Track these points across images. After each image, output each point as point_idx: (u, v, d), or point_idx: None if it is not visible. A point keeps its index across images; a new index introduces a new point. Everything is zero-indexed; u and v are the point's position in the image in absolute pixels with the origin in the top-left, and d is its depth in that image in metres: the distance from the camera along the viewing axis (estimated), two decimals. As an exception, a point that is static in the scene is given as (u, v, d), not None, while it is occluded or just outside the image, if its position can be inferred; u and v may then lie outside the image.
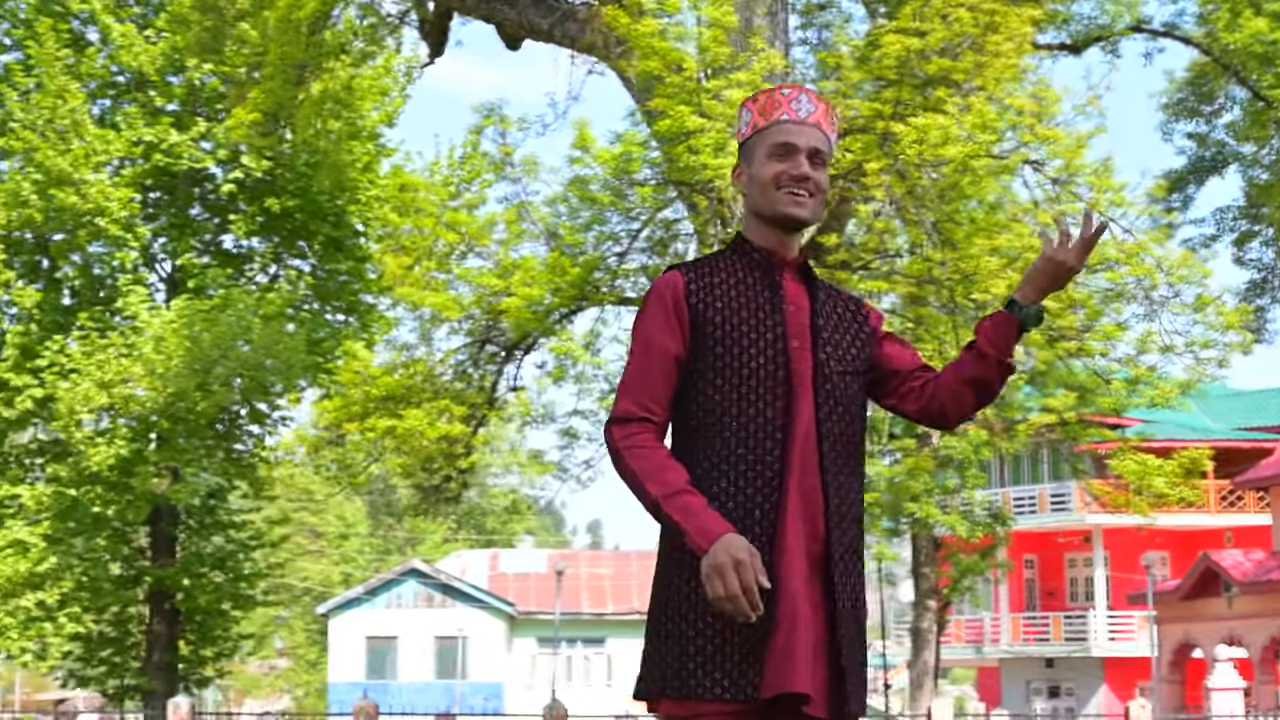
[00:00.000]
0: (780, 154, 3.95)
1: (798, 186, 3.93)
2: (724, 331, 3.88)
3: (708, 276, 3.97)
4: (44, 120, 31.75)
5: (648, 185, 17.45)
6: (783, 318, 3.91)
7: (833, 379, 3.92)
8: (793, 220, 3.95)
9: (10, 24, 34.11)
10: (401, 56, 32.60)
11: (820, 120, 4.00)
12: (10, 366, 32.12)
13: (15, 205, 31.81)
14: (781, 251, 4.00)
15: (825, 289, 4.07)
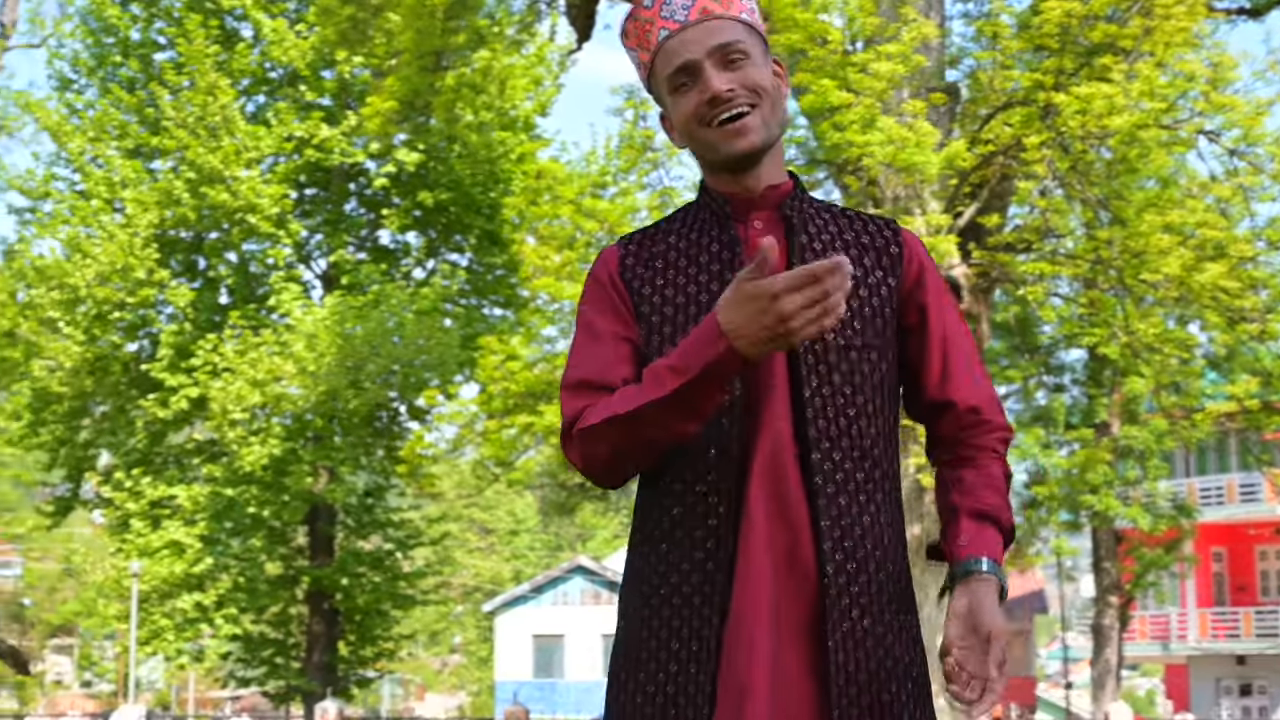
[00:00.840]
0: (682, 83, 2.91)
1: (722, 111, 2.86)
2: (663, 315, 2.88)
3: (650, 246, 2.97)
4: (195, 118, 31.52)
5: (790, 165, 16.46)
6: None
7: (824, 357, 2.82)
8: (737, 157, 2.88)
9: (164, 22, 34.01)
10: (555, 45, 32.08)
11: (708, 6, 2.91)
12: (165, 366, 31.91)
13: (169, 204, 31.64)
14: (745, 193, 2.93)
15: (829, 225, 2.96)
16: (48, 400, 33.15)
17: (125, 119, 33.40)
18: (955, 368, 2.97)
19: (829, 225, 2.96)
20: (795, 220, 2.92)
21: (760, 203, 2.93)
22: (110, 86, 33.94)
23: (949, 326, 2.98)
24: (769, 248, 2.52)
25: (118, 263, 30.94)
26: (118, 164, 32.57)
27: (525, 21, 26.52)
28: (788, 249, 2.89)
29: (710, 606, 2.73)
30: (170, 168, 32.40)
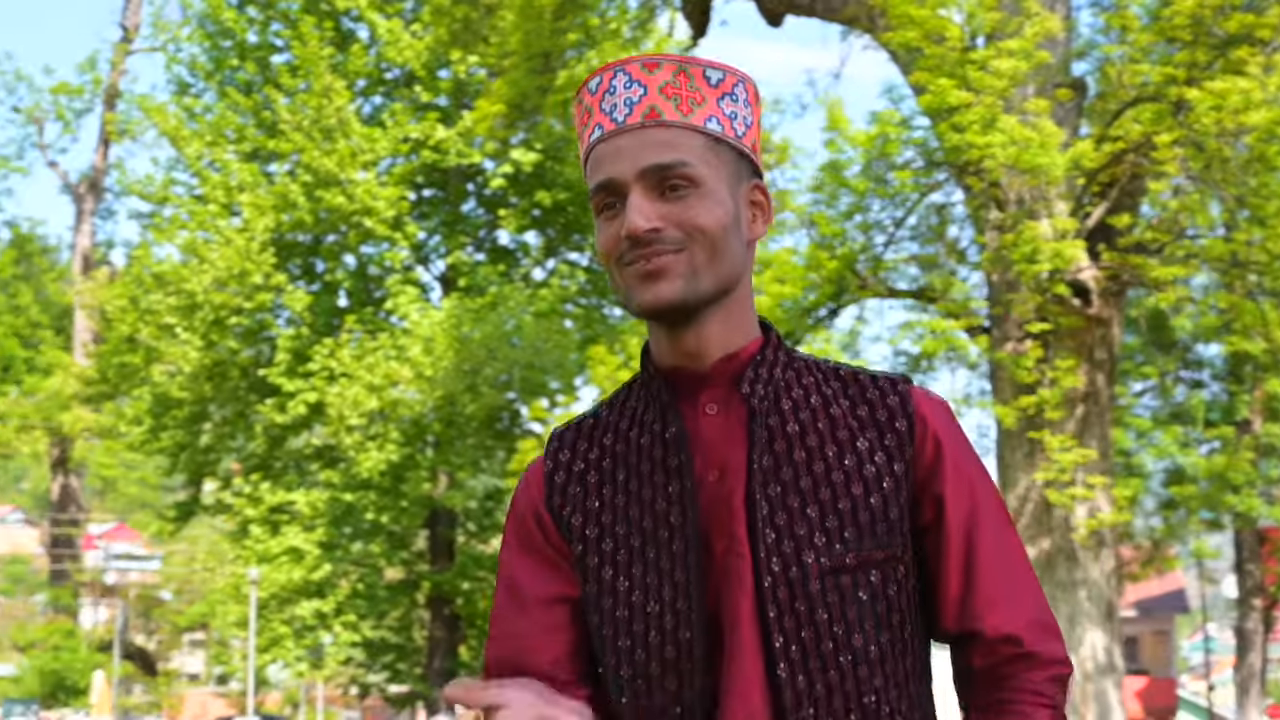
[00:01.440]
0: (608, 203, 2.23)
1: (641, 254, 2.18)
2: (601, 553, 2.25)
3: (585, 450, 2.32)
4: (311, 121, 31.27)
5: (908, 168, 15.75)
6: (694, 505, 2.19)
7: (801, 588, 2.15)
8: (658, 312, 2.19)
9: (280, 24, 33.87)
10: (674, 40, 31.55)
11: (659, 107, 2.20)
12: (283, 371, 31.70)
13: (285, 208, 31.43)
14: (690, 364, 2.25)
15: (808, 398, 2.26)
16: (168, 405, 33.10)
17: (242, 122, 33.27)
18: (984, 580, 2.23)
19: (811, 396, 2.26)
20: (758, 402, 2.23)
21: (712, 378, 2.25)
22: (227, 90, 33.83)
23: (976, 522, 2.24)
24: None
25: (235, 268, 30.77)
26: (235, 168, 32.42)
27: (640, 19, 26.02)
28: (749, 439, 2.20)
29: None
30: (286, 171, 32.21)
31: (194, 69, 35.16)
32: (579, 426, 2.36)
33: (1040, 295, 15.28)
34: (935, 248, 17.09)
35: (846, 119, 16.18)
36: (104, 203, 47.80)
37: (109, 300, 33.72)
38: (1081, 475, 15.73)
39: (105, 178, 46.71)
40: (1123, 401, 29.64)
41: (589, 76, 2.24)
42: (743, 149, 2.25)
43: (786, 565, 2.13)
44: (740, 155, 2.25)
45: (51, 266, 47.22)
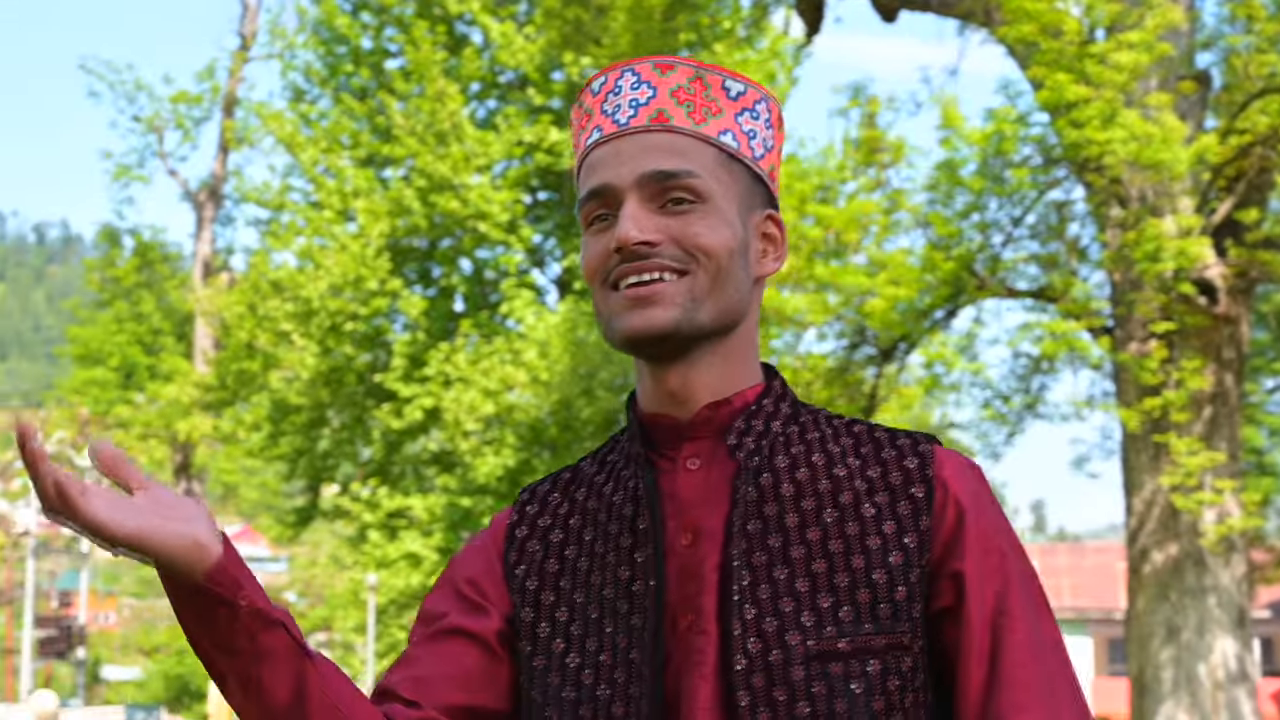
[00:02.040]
0: (599, 215, 1.97)
1: (632, 270, 1.91)
2: (554, 627, 1.96)
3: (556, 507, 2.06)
4: (424, 125, 31.24)
5: (1025, 166, 15.35)
6: (659, 574, 1.89)
7: (778, 683, 1.80)
8: (641, 341, 1.93)
9: (394, 29, 33.91)
10: (790, 38, 31.24)
11: (667, 110, 1.94)
12: (399, 377, 31.68)
13: (400, 213, 31.42)
14: (674, 409, 1.97)
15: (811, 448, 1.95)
16: (286, 411, 33.21)
17: (357, 128, 33.32)
18: (1012, 681, 1.84)
19: (814, 453, 1.95)
20: (746, 456, 1.94)
21: (698, 428, 1.97)
22: (342, 96, 33.91)
23: (1006, 609, 1.87)
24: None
25: (350, 274, 30.79)
26: (350, 174, 32.45)
27: (753, 18, 25.73)
28: (731, 500, 1.91)
29: None
30: (401, 176, 32.21)
31: (309, 75, 35.29)
32: (556, 479, 2.11)
33: (1165, 294, 14.85)
34: (1055, 246, 16.67)
35: (961, 116, 15.80)
36: (223, 209, 48.13)
37: (227, 307, 33.89)
38: (1209, 479, 15.29)
39: (224, 185, 47.02)
40: (1254, 399, 29.01)
41: (592, 77, 1.98)
42: (759, 172, 1.99)
43: (767, 647, 1.81)
44: (755, 179, 1.99)
45: (173, 274, 47.55)
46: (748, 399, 1.99)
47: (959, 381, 16.23)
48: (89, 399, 44.76)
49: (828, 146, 30.01)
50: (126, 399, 44.66)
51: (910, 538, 1.89)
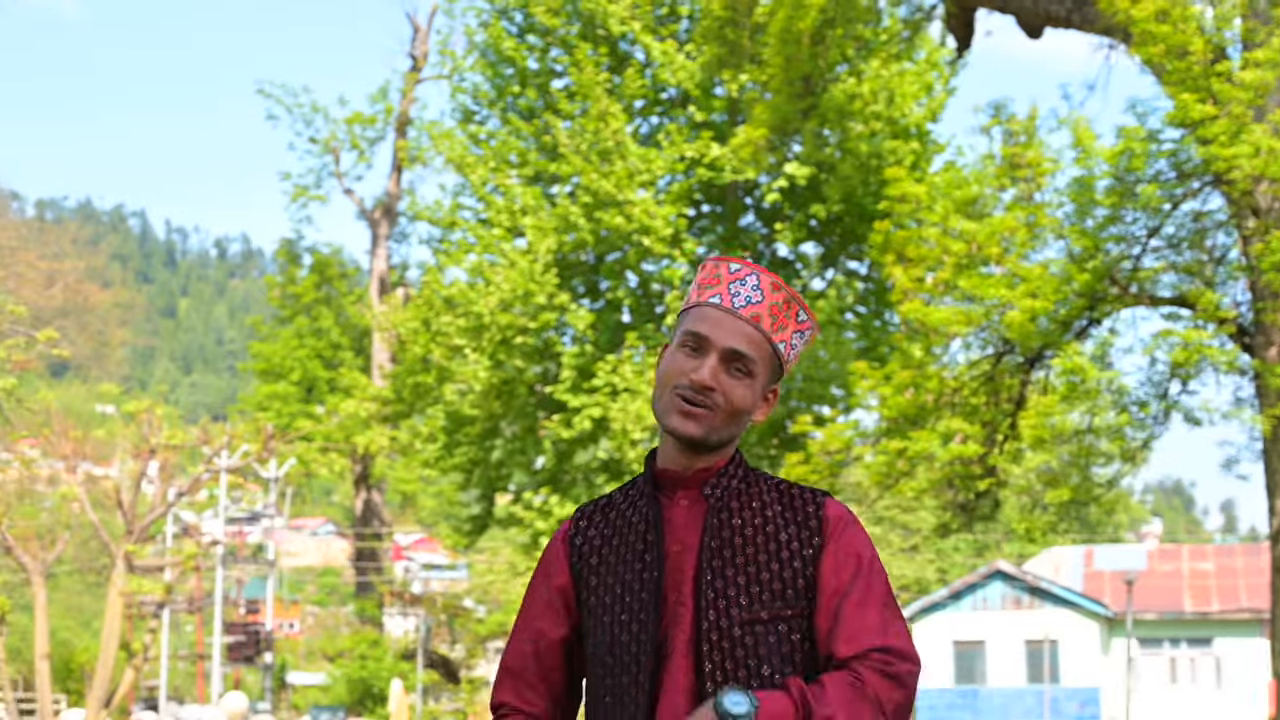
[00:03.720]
0: (691, 347, 3.07)
1: (693, 395, 3.02)
2: (598, 598, 3.14)
3: (599, 520, 3.22)
4: (589, 144, 32.20)
5: (1156, 181, 15.85)
6: (660, 565, 3.06)
7: (726, 636, 2.98)
8: (679, 436, 3.05)
9: (559, 50, 34.89)
10: (947, 49, 31.75)
11: (761, 315, 3.07)
12: (568, 388, 32.66)
13: (567, 229, 32.39)
14: (682, 469, 3.11)
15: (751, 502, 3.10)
16: (460, 423, 34.31)
17: (524, 147, 34.38)
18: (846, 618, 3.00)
19: (754, 500, 3.10)
20: (714, 501, 3.07)
21: (689, 481, 3.10)
22: (509, 116, 34.99)
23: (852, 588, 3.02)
24: None
25: (519, 289, 31.82)
26: (518, 192, 33.50)
27: (903, 34, 26.26)
28: (704, 526, 3.06)
29: None
30: (567, 193, 33.18)
31: (478, 97, 36.43)
32: (597, 504, 3.25)
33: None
34: (1194, 255, 17.12)
35: (1093, 134, 16.38)
36: (398, 227, 49.51)
37: (402, 323, 35.12)
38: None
39: (399, 203, 48.35)
40: None
41: (734, 259, 3.10)
42: (784, 367, 3.13)
43: (718, 615, 2.99)
44: (779, 368, 3.12)
45: (350, 290, 48.95)
46: (720, 466, 3.12)
47: (1096, 388, 16.79)
48: (272, 413, 46.18)
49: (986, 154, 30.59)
50: (308, 412, 46.09)
51: (807, 550, 3.06)
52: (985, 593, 54.83)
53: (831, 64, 21.07)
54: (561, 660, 3.20)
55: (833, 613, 3.00)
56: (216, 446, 36.19)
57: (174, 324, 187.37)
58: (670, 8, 34.62)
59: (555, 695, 3.21)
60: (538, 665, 3.19)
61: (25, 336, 30.49)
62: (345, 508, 74.89)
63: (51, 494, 37.59)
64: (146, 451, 29.77)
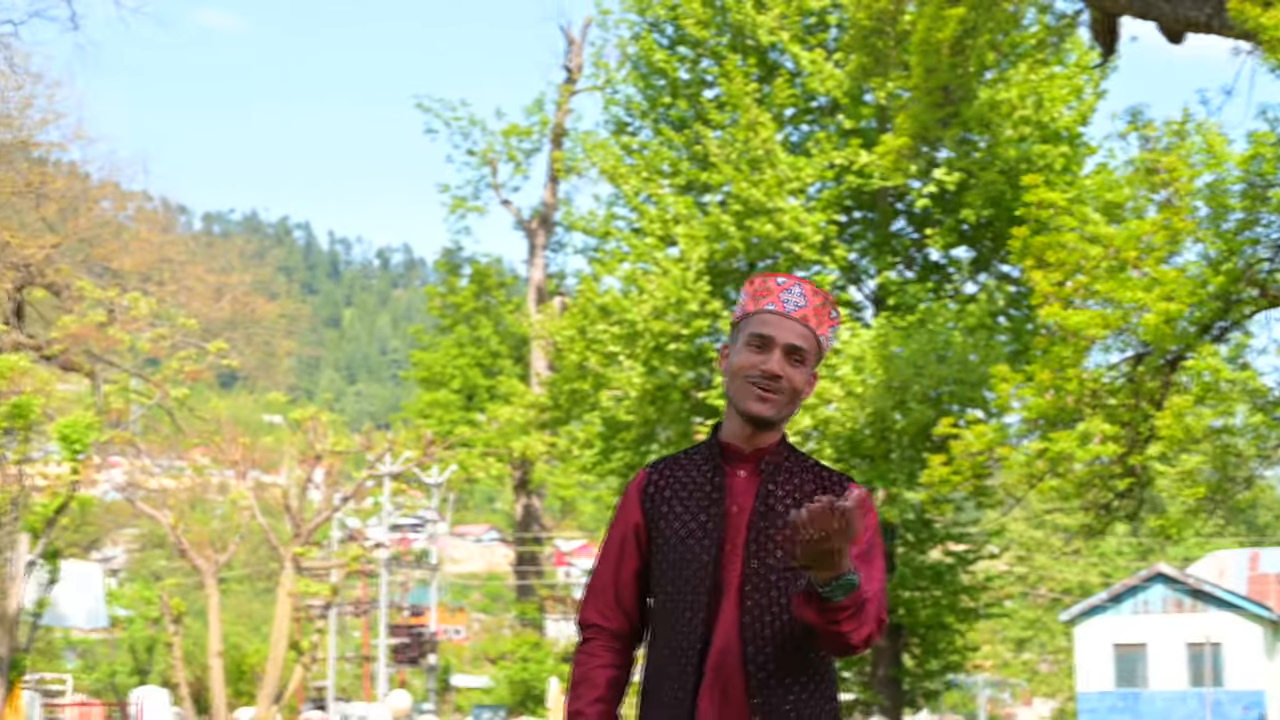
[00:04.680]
0: (756, 346, 3.89)
1: (766, 383, 3.86)
2: (666, 539, 3.91)
3: (668, 476, 3.99)
4: (739, 153, 32.69)
5: (1279, 187, 16.06)
6: (721, 521, 3.87)
7: (765, 580, 3.82)
8: (753, 417, 3.88)
9: (710, 61, 35.41)
10: (1098, 53, 31.83)
11: (808, 316, 3.92)
12: (721, 393, 33.08)
13: (718, 237, 32.88)
14: (744, 445, 3.94)
15: (793, 477, 3.93)
16: (616, 428, 34.93)
17: (676, 157, 34.95)
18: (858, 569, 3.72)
19: (794, 477, 3.94)
20: (766, 473, 3.92)
21: (748, 456, 3.92)
22: (661, 127, 35.59)
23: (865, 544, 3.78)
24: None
25: (672, 297, 32.39)
26: (670, 201, 34.08)
27: (1057, 35, 26.48)
28: (757, 493, 3.89)
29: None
30: (718, 202, 33.68)
31: (630, 108, 37.08)
32: (667, 461, 4.05)
33: None
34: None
35: (1224, 139, 16.60)
36: (554, 236, 50.28)
37: (558, 331, 35.86)
38: None
39: (554, 213, 49.13)
40: None
41: (779, 274, 4.02)
42: (822, 353, 3.98)
43: (761, 564, 3.84)
44: (820, 355, 3.96)
45: (508, 299, 49.82)
46: (773, 445, 3.95)
47: (1232, 389, 17.00)
48: (433, 420, 47.08)
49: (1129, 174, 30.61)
50: (468, 419, 46.97)
51: None
52: (1146, 596, 54.47)
53: (972, 73, 21.29)
54: (635, 586, 3.99)
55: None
56: (379, 452, 37.15)
57: (338, 334, 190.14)
58: (819, 17, 34.98)
59: (629, 614, 4.00)
60: (616, 590, 3.99)
61: (196, 348, 31.63)
62: (507, 514, 75.86)
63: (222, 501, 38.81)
64: (312, 458, 30.73)
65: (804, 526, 3.46)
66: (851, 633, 3.68)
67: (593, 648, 3.98)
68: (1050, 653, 77.02)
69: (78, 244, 35.91)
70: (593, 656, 3.97)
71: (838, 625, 3.66)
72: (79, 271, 33.87)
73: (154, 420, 36.81)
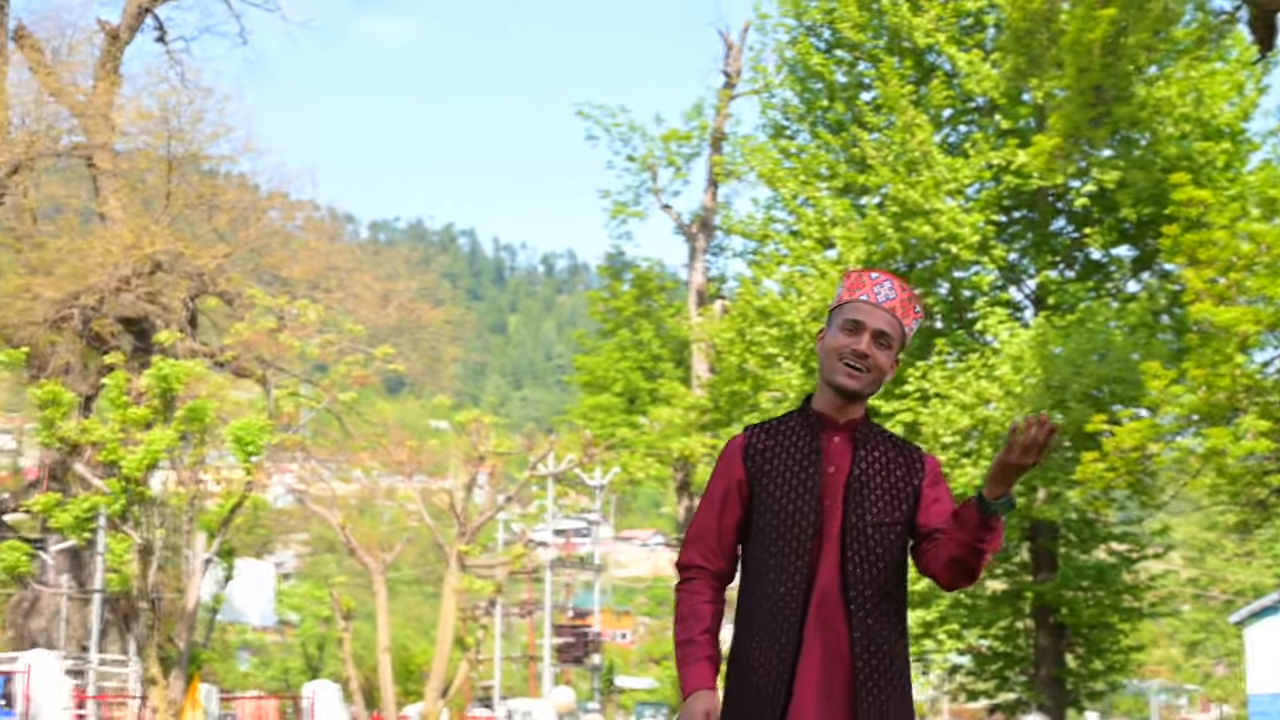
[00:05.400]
0: (849, 329, 4.47)
1: (856, 361, 4.43)
2: (769, 493, 4.45)
3: (767, 439, 4.54)
4: (895, 155, 32.85)
5: None
6: (819, 480, 4.42)
7: (863, 533, 4.40)
8: (844, 391, 4.46)
9: (866, 64, 35.59)
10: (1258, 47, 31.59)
11: (895, 307, 4.49)
12: (880, 394, 33.27)
13: (875, 239, 33.06)
14: (836, 415, 4.51)
15: (879, 446, 4.53)
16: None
17: (833, 159, 35.18)
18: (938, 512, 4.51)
19: (879, 445, 4.57)
20: (859, 441, 4.54)
21: (842, 427, 4.52)
22: (818, 130, 35.84)
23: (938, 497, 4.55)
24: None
25: (829, 299, 32.57)
26: (828, 204, 34.32)
27: (1207, 38, 26.41)
28: (852, 458, 4.49)
29: (782, 680, 4.35)
30: (875, 204, 33.86)
31: (787, 112, 37.37)
32: (766, 425, 4.64)
33: None
34: None
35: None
36: (714, 240, 50.58)
37: (717, 334, 36.21)
38: None
39: (714, 217, 49.42)
40: None
41: (873, 270, 4.62)
42: (906, 341, 4.58)
43: (859, 518, 4.43)
44: (904, 343, 4.57)
45: (669, 303, 50.17)
46: (861, 417, 4.58)
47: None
48: (595, 424, 47.57)
49: None
50: (630, 422, 47.41)
51: (914, 482, 4.55)
52: (1320, 597, 53.59)
53: (1129, 72, 21.32)
54: (734, 534, 4.53)
55: (932, 510, 4.51)
56: (541, 453, 37.72)
57: (503, 340, 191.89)
58: (975, 18, 35.02)
59: (728, 558, 4.55)
60: (718, 536, 4.52)
61: (363, 353, 32.42)
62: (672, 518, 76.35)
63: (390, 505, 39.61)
64: (476, 459, 31.34)
65: (1028, 429, 4.09)
66: (986, 553, 4.34)
67: (696, 586, 4.51)
68: (1223, 654, 76.01)
69: (248, 253, 36.92)
70: (697, 594, 4.50)
71: (984, 544, 4.31)
72: (249, 280, 34.84)
73: (323, 425, 37.72)
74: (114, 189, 36.61)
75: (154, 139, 36.72)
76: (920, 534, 4.52)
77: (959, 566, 4.40)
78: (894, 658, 4.43)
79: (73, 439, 24.16)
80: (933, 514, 4.51)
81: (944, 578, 4.49)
